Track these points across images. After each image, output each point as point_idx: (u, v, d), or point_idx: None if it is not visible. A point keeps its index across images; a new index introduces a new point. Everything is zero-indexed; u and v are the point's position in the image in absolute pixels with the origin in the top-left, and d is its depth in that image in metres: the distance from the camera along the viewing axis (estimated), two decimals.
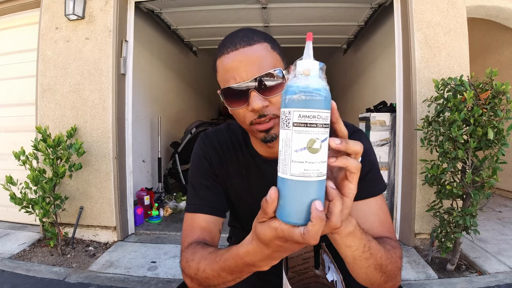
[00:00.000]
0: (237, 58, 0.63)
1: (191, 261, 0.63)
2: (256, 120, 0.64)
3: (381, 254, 0.55)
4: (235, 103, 0.65)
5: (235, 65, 0.62)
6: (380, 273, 0.56)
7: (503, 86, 1.69)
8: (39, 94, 2.48)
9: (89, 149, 2.40)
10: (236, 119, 0.70)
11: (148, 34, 3.61)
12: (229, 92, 0.64)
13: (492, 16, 2.55)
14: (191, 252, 0.66)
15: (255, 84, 0.62)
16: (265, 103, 0.62)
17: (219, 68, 0.66)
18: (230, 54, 0.63)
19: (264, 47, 0.64)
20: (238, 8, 3.16)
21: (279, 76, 0.63)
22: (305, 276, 0.79)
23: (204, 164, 0.80)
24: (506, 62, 3.58)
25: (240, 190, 0.83)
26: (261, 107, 0.62)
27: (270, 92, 0.63)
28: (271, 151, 0.77)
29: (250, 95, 0.62)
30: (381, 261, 0.55)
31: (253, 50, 0.63)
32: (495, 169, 1.72)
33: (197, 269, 0.61)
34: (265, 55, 0.63)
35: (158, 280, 1.89)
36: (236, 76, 0.62)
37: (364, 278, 0.57)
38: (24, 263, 2.08)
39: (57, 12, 2.45)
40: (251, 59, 0.62)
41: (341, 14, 3.32)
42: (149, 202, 3.06)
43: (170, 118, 4.39)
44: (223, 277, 0.57)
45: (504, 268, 1.92)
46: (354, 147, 0.41)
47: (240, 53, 0.63)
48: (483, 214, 2.74)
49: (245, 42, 0.63)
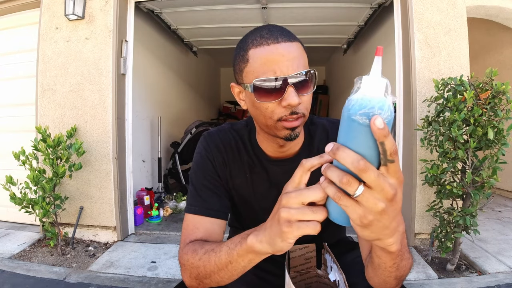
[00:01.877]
0: (279, 51, 0.61)
1: (200, 249, 0.63)
2: (287, 116, 0.64)
3: (405, 268, 0.55)
4: (267, 96, 0.63)
5: (277, 58, 0.61)
6: (397, 281, 0.56)
7: (503, 86, 1.69)
8: (39, 94, 2.48)
9: (89, 149, 2.39)
10: (259, 114, 0.67)
11: (148, 34, 3.61)
12: (264, 84, 0.62)
13: (492, 16, 2.55)
14: (199, 244, 0.66)
15: (294, 80, 0.62)
16: (300, 100, 0.63)
17: (254, 58, 0.63)
18: (271, 46, 0.62)
19: (300, 47, 0.65)
20: (238, 8, 3.16)
21: (313, 76, 0.64)
22: (307, 276, 0.79)
23: (206, 165, 0.79)
24: (506, 62, 3.59)
25: (244, 190, 0.82)
26: (297, 104, 0.62)
27: (303, 90, 0.63)
28: (281, 151, 0.77)
29: (287, 90, 0.61)
30: (403, 274, 0.55)
31: (293, 46, 0.63)
32: (495, 169, 1.72)
33: (203, 253, 0.61)
34: (302, 54, 0.65)
35: (158, 280, 1.88)
36: (276, 69, 0.61)
37: (379, 282, 0.58)
38: (24, 263, 2.07)
39: (57, 12, 2.45)
40: (292, 55, 0.62)
41: (341, 14, 3.32)
42: (149, 202, 3.05)
43: (170, 118, 4.39)
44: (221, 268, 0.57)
45: (504, 268, 1.92)
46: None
47: (282, 47, 0.62)
48: (483, 214, 2.74)
49: (286, 37, 0.63)
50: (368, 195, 0.36)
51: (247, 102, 0.71)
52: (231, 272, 0.57)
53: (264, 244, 0.49)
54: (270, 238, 0.47)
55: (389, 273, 0.53)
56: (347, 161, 0.35)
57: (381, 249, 0.47)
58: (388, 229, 0.40)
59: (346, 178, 0.36)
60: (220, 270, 0.57)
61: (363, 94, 0.36)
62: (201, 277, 0.61)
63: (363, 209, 0.37)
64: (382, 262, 0.51)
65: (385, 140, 0.34)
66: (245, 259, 0.54)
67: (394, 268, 0.52)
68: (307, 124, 0.82)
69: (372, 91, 0.36)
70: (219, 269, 0.57)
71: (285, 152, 0.78)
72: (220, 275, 0.58)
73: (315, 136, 0.81)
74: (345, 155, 0.35)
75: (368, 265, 0.60)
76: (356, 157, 0.35)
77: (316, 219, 0.42)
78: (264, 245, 0.49)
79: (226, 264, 0.56)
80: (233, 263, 0.55)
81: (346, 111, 0.37)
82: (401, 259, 0.51)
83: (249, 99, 0.68)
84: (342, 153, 0.36)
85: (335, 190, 0.38)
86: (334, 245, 0.82)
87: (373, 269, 0.57)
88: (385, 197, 0.36)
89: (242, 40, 0.69)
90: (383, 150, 0.35)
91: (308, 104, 0.67)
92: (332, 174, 0.37)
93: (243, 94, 0.72)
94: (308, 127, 0.82)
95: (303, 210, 0.42)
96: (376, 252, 0.51)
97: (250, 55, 0.64)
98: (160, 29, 3.81)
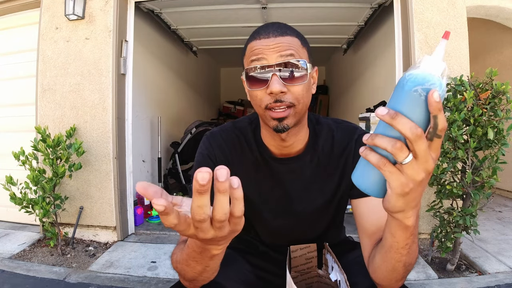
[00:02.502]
0: (267, 43, 0.67)
1: (178, 255, 0.61)
2: (272, 104, 0.66)
3: (415, 255, 0.55)
4: (256, 84, 0.68)
5: (263, 49, 0.66)
6: (405, 270, 0.56)
7: (503, 86, 1.69)
8: (39, 94, 2.48)
9: (89, 149, 2.39)
10: (253, 103, 0.72)
11: (148, 34, 3.61)
12: (251, 73, 0.67)
13: (492, 16, 2.56)
14: (179, 249, 0.64)
15: (278, 68, 0.65)
16: (284, 88, 0.65)
17: (247, 51, 0.70)
18: (262, 40, 0.67)
19: (295, 41, 0.68)
20: (238, 8, 3.16)
21: (303, 68, 0.66)
22: (307, 276, 0.79)
23: (208, 164, 0.79)
24: (506, 62, 3.59)
25: (248, 189, 0.82)
26: (278, 91, 0.64)
27: (291, 80, 0.66)
28: (284, 146, 0.77)
29: (271, 78, 0.65)
30: (412, 261, 0.55)
31: (284, 39, 0.67)
32: (495, 169, 1.72)
33: (180, 263, 0.59)
34: (294, 47, 0.67)
35: (158, 280, 1.88)
36: (262, 58, 0.66)
37: (388, 270, 0.57)
38: (24, 263, 2.07)
39: (57, 12, 2.45)
40: (280, 46, 0.66)
41: (341, 14, 3.32)
42: (149, 202, 3.05)
43: (170, 118, 4.39)
44: (192, 266, 0.55)
45: (504, 268, 1.92)
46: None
47: (271, 40, 0.67)
48: (483, 214, 2.74)
49: (279, 32, 0.68)
50: (414, 164, 0.37)
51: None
52: (211, 270, 0.56)
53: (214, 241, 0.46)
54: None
55: (400, 256, 0.53)
56: (406, 127, 0.35)
57: (398, 225, 0.48)
58: (416, 200, 0.42)
59: (399, 144, 0.37)
60: (200, 275, 0.56)
61: (424, 70, 0.38)
62: (189, 280, 0.61)
63: (406, 177, 0.38)
64: (395, 242, 0.51)
65: (439, 114, 0.35)
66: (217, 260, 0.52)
67: (406, 250, 0.52)
68: (313, 123, 0.82)
69: (433, 70, 0.38)
70: (199, 274, 0.56)
71: (288, 148, 0.78)
72: (203, 276, 0.57)
73: (320, 135, 0.81)
74: (405, 121, 0.36)
75: (377, 253, 0.59)
76: (414, 124, 0.36)
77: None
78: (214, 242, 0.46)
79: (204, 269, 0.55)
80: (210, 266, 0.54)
81: (405, 83, 0.38)
82: (413, 240, 0.51)
83: (246, 88, 0.72)
84: (402, 118, 0.36)
85: (379, 157, 0.39)
86: (335, 245, 0.82)
87: (383, 255, 0.56)
88: (426, 169, 0.38)
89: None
90: (434, 124, 0.36)
91: (300, 95, 0.67)
92: (382, 140, 0.37)
93: None
94: (314, 126, 0.82)
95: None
96: (391, 230, 0.51)
97: (247, 48, 0.71)
98: (160, 29, 3.81)
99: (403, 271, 0.56)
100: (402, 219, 0.45)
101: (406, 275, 0.58)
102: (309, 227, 0.85)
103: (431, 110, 0.35)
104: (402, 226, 0.48)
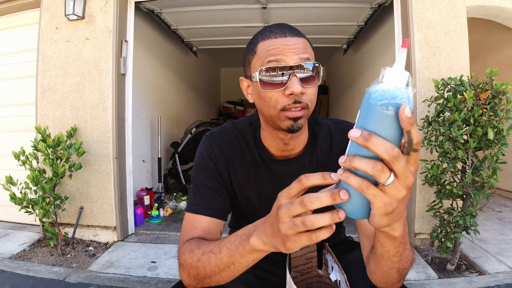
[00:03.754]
0: (285, 43, 0.65)
1: (196, 249, 0.63)
2: (290, 105, 0.65)
3: (408, 260, 0.55)
4: (272, 85, 0.65)
5: (282, 49, 0.65)
6: (400, 275, 0.56)
7: (503, 86, 1.69)
8: (39, 94, 2.48)
9: (89, 149, 2.39)
10: (263, 104, 0.69)
11: (148, 34, 3.61)
12: (268, 73, 0.65)
13: (492, 16, 2.56)
14: (195, 244, 0.65)
15: (298, 70, 0.64)
16: (304, 90, 0.64)
17: (261, 50, 0.67)
18: (279, 39, 0.66)
19: (307, 44, 0.69)
20: (238, 8, 3.16)
21: (318, 70, 0.67)
22: (307, 276, 0.79)
23: (208, 165, 0.79)
24: (506, 62, 3.59)
25: (247, 190, 0.82)
26: (300, 92, 0.63)
27: (308, 81, 0.66)
28: (285, 149, 0.77)
29: (291, 79, 0.64)
30: (405, 266, 0.55)
31: (300, 40, 0.67)
32: (495, 169, 1.72)
33: (201, 255, 0.61)
34: (308, 49, 0.68)
35: (158, 280, 1.88)
36: (281, 59, 0.65)
37: (383, 276, 0.57)
38: (24, 263, 2.07)
39: (57, 12, 2.45)
40: (298, 47, 0.66)
41: (341, 14, 3.32)
42: (149, 202, 3.05)
43: (170, 118, 4.39)
44: (223, 269, 0.56)
45: (504, 268, 1.92)
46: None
47: (288, 39, 0.66)
48: (483, 214, 2.74)
49: (293, 32, 0.68)
50: (396, 182, 0.36)
51: (253, 94, 0.73)
52: (233, 272, 0.57)
53: (268, 246, 0.48)
54: (274, 244, 0.47)
55: (392, 263, 0.53)
56: (381, 147, 0.34)
57: (386, 236, 0.48)
58: (400, 213, 0.41)
59: (380, 165, 0.35)
60: (222, 271, 0.57)
61: (389, 85, 0.37)
62: (201, 277, 0.61)
63: (389, 197, 0.37)
64: (385, 251, 0.51)
65: (412, 128, 0.34)
66: (249, 259, 0.53)
67: (397, 257, 0.52)
68: (312, 124, 0.82)
69: (397, 82, 0.37)
70: (221, 270, 0.57)
71: (289, 150, 0.78)
72: (222, 275, 0.58)
73: (319, 136, 0.81)
74: (379, 142, 0.34)
75: (370, 259, 0.60)
76: (389, 145, 0.34)
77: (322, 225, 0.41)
78: (269, 247, 0.48)
79: (228, 265, 0.56)
80: (236, 264, 0.55)
81: (372, 101, 0.37)
82: (404, 248, 0.51)
83: (255, 89, 0.71)
84: (376, 139, 0.34)
85: (360, 181, 0.37)
86: (335, 245, 0.82)
87: (375, 262, 0.56)
88: (407, 185, 0.37)
89: (253, 37, 0.73)
90: (409, 139, 0.35)
91: (313, 97, 0.68)
92: (361, 162, 0.36)
93: (251, 88, 0.74)
94: (313, 127, 0.82)
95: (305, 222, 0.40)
96: (380, 241, 0.51)
97: (258, 48, 0.68)
98: (160, 29, 3.81)
99: (397, 276, 0.56)
100: (388, 231, 0.45)
101: (403, 278, 0.59)
102: None
103: (404, 126, 0.34)
104: (390, 238, 0.48)
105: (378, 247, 0.52)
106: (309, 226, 0.40)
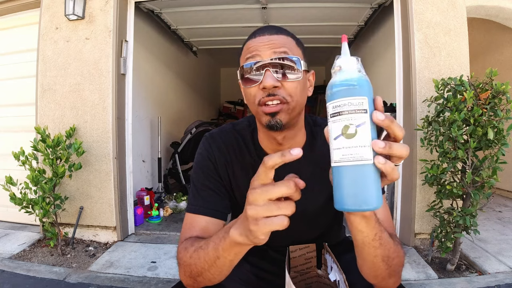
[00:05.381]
0: (261, 41, 0.68)
1: (190, 247, 0.64)
2: (264, 98, 0.65)
3: (389, 246, 0.56)
4: (250, 81, 0.67)
5: (258, 46, 0.67)
6: (386, 265, 0.57)
7: (503, 86, 1.69)
8: (39, 94, 2.48)
9: (89, 149, 2.39)
10: (248, 101, 0.71)
11: (148, 34, 3.61)
12: (246, 69, 0.67)
13: (492, 16, 2.55)
14: (190, 242, 0.66)
15: (271, 64, 0.65)
16: (277, 83, 0.65)
17: (244, 50, 0.71)
18: (257, 37, 0.69)
19: (290, 40, 0.69)
20: (238, 8, 3.16)
21: (296, 64, 0.66)
22: (307, 276, 0.79)
23: (208, 165, 0.79)
24: (506, 62, 3.59)
25: (246, 190, 0.82)
26: (271, 85, 0.64)
27: (284, 76, 0.66)
28: (280, 149, 0.76)
29: (264, 73, 0.65)
30: (388, 253, 0.56)
31: (278, 38, 0.68)
32: (495, 169, 1.72)
33: (193, 251, 0.62)
34: (288, 45, 0.68)
35: (158, 280, 1.88)
36: (256, 55, 0.67)
37: (369, 267, 0.58)
38: (24, 263, 2.07)
39: (57, 12, 2.45)
40: (274, 43, 0.67)
41: (341, 14, 3.32)
42: (149, 202, 3.06)
43: (170, 118, 4.39)
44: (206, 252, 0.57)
45: (504, 268, 1.92)
46: (398, 151, 0.42)
47: (266, 38, 0.68)
48: (483, 214, 2.74)
49: (274, 31, 0.69)
50: None
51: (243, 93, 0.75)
52: (220, 268, 0.57)
53: (243, 237, 0.49)
54: (245, 233, 0.48)
55: (374, 249, 0.54)
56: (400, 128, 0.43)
57: (360, 217, 0.50)
58: None
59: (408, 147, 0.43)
60: (210, 267, 0.58)
61: (332, 76, 0.45)
62: (194, 275, 0.62)
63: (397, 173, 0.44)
64: (364, 236, 0.52)
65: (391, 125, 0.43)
66: (231, 253, 0.54)
67: (377, 242, 0.53)
68: (310, 125, 0.82)
69: (349, 71, 0.45)
70: (209, 266, 0.58)
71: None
72: (211, 271, 0.58)
73: (318, 137, 0.81)
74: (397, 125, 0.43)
75: (357, 256, 0.60)
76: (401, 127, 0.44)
77: (283, 214, 0.43)
78: (244, 238, 0.49)
79: (214, 260, 0.56)
80: (221, 258, 0.55)
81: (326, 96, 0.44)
82: (381, 230, 0.53)
83: (242, 88, 0.72)
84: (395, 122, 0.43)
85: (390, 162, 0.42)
86: (334, 245, 0.82)
87: (360, 253, 0.57)
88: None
89: None
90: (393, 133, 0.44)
91: (293, 91, 0.67)
92: (400, 148, 0.42)
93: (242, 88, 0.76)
94: (311, 128, 0.82)
95: (269, 207, 0.43)
96: (357, 227, 0.51)
97: (243, 49, 0.72)
98: (160, 29, 3.81)
99: (384, 266, 0.57)
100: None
101: (394, 273, 0.59)
102: (309, 228, 0.85)
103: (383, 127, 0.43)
104: (364, 217, 0.50)
105: (357, 234, 0.53)
106: (269, 196, 0.44)
